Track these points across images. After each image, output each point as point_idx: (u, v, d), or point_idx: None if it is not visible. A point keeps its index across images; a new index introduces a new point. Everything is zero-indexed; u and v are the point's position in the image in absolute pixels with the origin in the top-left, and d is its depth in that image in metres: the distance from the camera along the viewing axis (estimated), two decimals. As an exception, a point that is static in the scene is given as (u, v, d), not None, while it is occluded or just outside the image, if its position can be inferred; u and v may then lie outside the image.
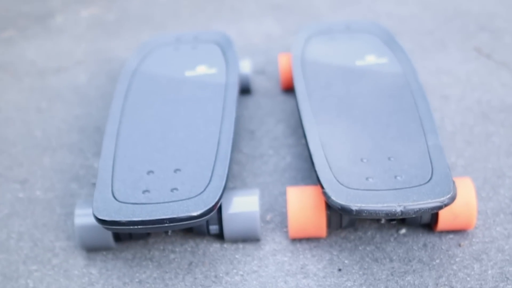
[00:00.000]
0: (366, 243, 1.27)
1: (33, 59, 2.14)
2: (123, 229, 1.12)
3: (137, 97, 1.50)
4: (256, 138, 1.63)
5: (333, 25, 1.79)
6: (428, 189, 1.13)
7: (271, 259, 1.25)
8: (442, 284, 1.17)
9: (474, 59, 1.94)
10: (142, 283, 1.22)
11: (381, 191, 1.14)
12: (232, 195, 1.27)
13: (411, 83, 1.47)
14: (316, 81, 1.52)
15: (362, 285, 1.18)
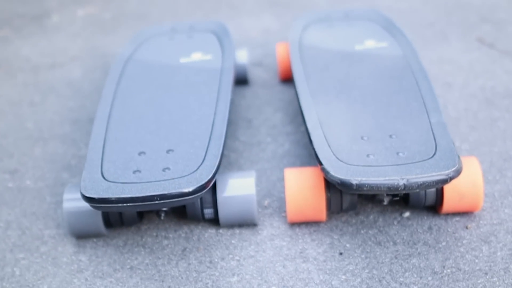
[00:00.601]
0: (368, 227, 1.22)
1: (27, 55, 2.10)
2: (112, 208, 1.07)
3: (130, 82, 1.46)
4: (253, 126, 1.58)
5: (332, 13, 1.75)
6: (432, 163, 1.08)
7: (269, 243, 1.20)
8: (449, 266, 1.11)
9: (477, 48, 1.89)
10: (133, 269, 1.16)
11: (382, 166, 1.09)
12: (228, 177, 1.22)
13: (412, 65, 1.42)
14: (314, 64, 1.48)
15: (364, 269, 1.12)
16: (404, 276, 1.09)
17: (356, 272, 1.11)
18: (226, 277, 1.13)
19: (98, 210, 1.09)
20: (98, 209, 1.08)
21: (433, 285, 1.07)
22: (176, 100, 1.37)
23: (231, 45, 1.60)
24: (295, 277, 1.11)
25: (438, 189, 1.19)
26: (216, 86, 1.41)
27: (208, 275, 1.13)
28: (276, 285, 1.10)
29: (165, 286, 1.12)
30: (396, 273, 1.10)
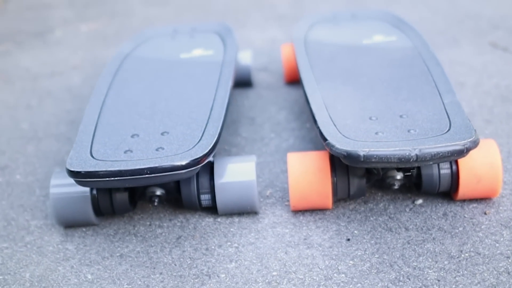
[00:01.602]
0: (378, 214, 1.13)
1: (27, 66, 2.05)
2: (99, 183, 0.99)
3: (127, 74, 1.40)
4: (256, 123, 1.51)
5: (338, 14, 1.70)
6: (447, 137, 1.00)
7: (270, 231, 1.11)
8: (467, 250, 1.01)
9: (490, 52, 1.82)
10: (123, 257, 1.07)
11: (392, 142, 1.01)
12: (226, 161, 1.14)
13: (423, 54, 1.35)
14: (320, 56, 1.41)
15: (374, 254, 1.02)
16: (418, 261, 1.00)
17: (365, 257, 1.02)
18: (223, 263, 1.03)
19: (85, 186, 1.01)
20: (84, 185, 1.00)
21: (450, 269, 0.97)
22: (174, 89, 1.31)
23: (233, 42, 1.54)
24: (298, 262, 1.02)
25: (453, 173, 1.10)
26: (217, 76, 1.34)
27: (203, 262, 1.04)
28: (277, 271, 1.00)
29: (156, 272, 1.03)
30: (408, 258, 1.01)
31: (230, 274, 1.01)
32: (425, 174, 1.10)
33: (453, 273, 0.96)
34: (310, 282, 0.97)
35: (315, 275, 0.99)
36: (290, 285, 0.97)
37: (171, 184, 1.13)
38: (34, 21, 2.58)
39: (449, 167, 1.10)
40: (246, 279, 0.99)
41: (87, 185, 1.00)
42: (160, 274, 1.02)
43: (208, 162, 1.14)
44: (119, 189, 1.12)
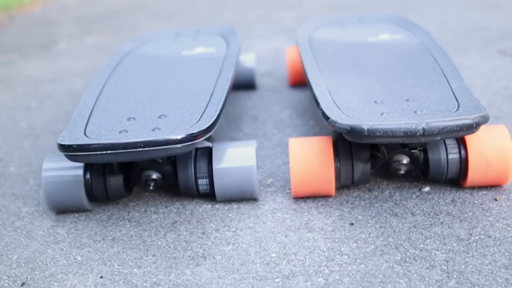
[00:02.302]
0: (383, 201, 1.08)
1: (30, 73, 2.04)
2: (91, 158, 0.94)
3: (127, 68, 1.37)
4: (259, 121, 1.47)
5: (344, 17, 1.67)
6: (456, 114, 0.95)
7: (270, 216, 1.06)
8: (477, 234, 0.96)
9: (498, 58, 1.79)
10: (115, 240, 1.03)
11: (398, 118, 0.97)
12: (225, 146, 1.10)
13: (430, 47, 1.32)
14: (324, 51, 1.38)
15: (379, 237, 0.97)
16: (425, 243, 0.94)
17: (369, 240, 0.97)
18: (220, 246, 0.98)
19: (76, 161, 0.96)
20: (76, 159, 0.96)
21: (459, 251, 0.92)
22: (174, 79, 1.28)
23: (236, 40, 1.52)
24: (298, 245, 0.97)
25: (462, 158, 1.05)
26: (218, 68, 1.31)
27: (199, 245, 0.99)
28: (276, 253, 0.95)
29: (149, 254, 0.98)
30: (415, 240, 0.95)
31: (226, 256, 0.95)
32: (432, 159, 1.05)
33: (462, 254, 0.91)
34: (310, 263, 0.92)
35: (316, 256, 0.93)
36: (290, 266, 0.92)
37: (168, 168, 1.08)
38: (40, 35, 2.58)
39: (457, 151, 1.05)
40: (243, 260, 0.94)
41: (78, 160, 0.96)
42: (153, 256, 0.97)
43: (206, 148, 1.10)
44: (114, 173, 1.08)
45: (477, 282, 0.84)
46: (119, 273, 0.93)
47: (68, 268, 0.96)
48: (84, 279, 0.92)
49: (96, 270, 0.95)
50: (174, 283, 0.90)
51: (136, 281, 0.91)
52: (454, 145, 1.06)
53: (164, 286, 0.89)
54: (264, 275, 0.90)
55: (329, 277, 0.88)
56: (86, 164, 1.09)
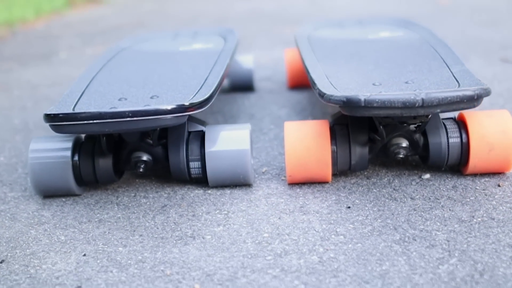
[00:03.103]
0: (381, 187, 1.04)
1: (29, 79, 2.02)
2: (77, 128, 0.91)
3: (122, 59, 1.35)
4: (256, 118, 1.44)
5: (344, 20, 1.66)
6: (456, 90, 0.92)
7: (264, 201, 1.02)
8: (480, 216, 0.91)
9: (500, 65, 1.77)
10: (102, 221, 0.98)
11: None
12: (219, 129, 1.07)
13: (431, 40, 1.29)
14: (323, 45, 1.36)
15: (376, 219, 0.93)
16: (425, 224, 0.90)
17: (366, 222, 0.92)
18: (210, 227, 0.94)
19: (62, 132, 0.93)
20: (62, 130, 0.92)
21: (460, 231, 0.87)
22: (169, 67, 1.25)
23: (234, 36, 1.50)
24: (292, 226, 0.92)
25: (463, 142, 1.02)
26: (214, 58, 1.29)
27: (188, 226, 0.95)
28: (269, 233, 0.91)
29: (136, 235, 0.93)
30: (414, 222, 0.91)
31: (216, 236, 0.91)
32: (433, 143, 1.02)
33: (464, 234, 0.86)
34: (304, 242, 0.87)
35: (310, 236, 0.89)
36: (283, 245, 0.87)
37: (159, 150, 1.05)
38: (41, 46, 2.58)
39: (458, 135, 1.02)
40: (234, 240, 0.90)
41: (64, 131, 0.92)
42: (140, 235, 0.93)
43: (199, 131, 1.07)
44: (103, 155, 1.04)
45: (480, 260, 0.80)
46: (103, 251, 0.89)
47: (51, 247, 0.91)
48: (66, 257, 0.88)
49: (80, 248, 0.90)
50: (160, 261, 0.85)
51: (120, 259, 0.87)
52: (455, 129, 1.02)
53: (150, 263, 0.85)
54: (255, 253, 0.86)
55: (324, 255, 0.84)
56: (75, 145, 1.06)
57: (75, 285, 0.81)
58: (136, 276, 0.82)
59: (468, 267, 0.78)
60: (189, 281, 0.80)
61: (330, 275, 0.79)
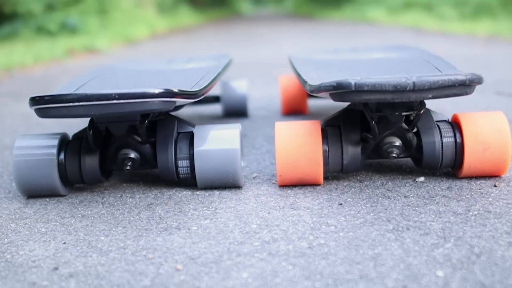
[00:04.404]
0: (374, 188, 1.01)
1: (22, 111, 2.01)
2: (62, 111, 0.88)
3: (114, 72, 1.34)
4: (249, 137, 1.42)
5: (339, 47, 1.67)
6: (447, 78, 0.91)
7: (253, 199, 0.99)
8: (476, 210, 0.88)
9: (495, 97, 1.77)
10: (85, 216, 0.95)
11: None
12: (208, 128, 1.05)
13: (424, 55, 1.29)
14: (316, 62, 1.36)
15: (369, 213, 0.89)
16: (419, 217, 0.87)
17: (358, 215, 0.89)
18: (197, 220, 0.91)
19: (47, 116, 0.90)
20: (46, 114, 0.90)
21: (456, 222, 0.84)
22: (162, 77, 1.24)
23: (227, 57, 1.50)
24: (281, 219, 0.89)
25: (458, 143, 1.00)
26: (206, 70, 1.28)
27: (174, 220, 0.91)
28: (257, 225, 0.87)
29: (119, 227, 0.90)
30: (408, 215, 0.88)
31: (202, 227, 0.88)
32: (426, 142, 1.00)
33: (460, 225, 0.83)
34: (294, 232, 0.84)
35: (300, 227, 0.86)
36: (271, 234, 0.84)
37: (147, 148, 1.02)
38: (37, 87, 2.59)
39: (452, 135, 1.00)
40: (221, 230, 0.86)
41: (49, 115, 0.90)
42: (123, 227, 0.89)
43: (189, 132, 1.05)
44: (89, 153, 1.02)
45: (476, 244, 0.76)
46: (84, 240, 0.85)
47: (30, 237, 0.88)
48: (45, 245, 0.84)
49: (60, 238, 0.87)
50: (142, 247, 0.82)
51: (101, 246, 0.83)
52: (449, 129, 1.01)
53: (131, 249, 0.81)
54: (242, 241, 0.82)
55: (314, 242, 0.80)
56: (61, 143, 1.04)
57: (52, 267, 0.77)
58: (117, 259, 0.78)
59: (464, 251, 0.75)
60: (172, 263, 0.76)
61: (320, 257, 0.75)
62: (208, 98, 1.67)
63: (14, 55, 3.45)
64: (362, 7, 8.21)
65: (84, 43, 4.24)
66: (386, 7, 7.29)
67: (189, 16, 9.66)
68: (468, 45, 3.31)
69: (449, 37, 3.98)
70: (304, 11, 12.54)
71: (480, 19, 4.74)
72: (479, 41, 3.55)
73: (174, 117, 1.06)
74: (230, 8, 16.48)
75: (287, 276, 0.71)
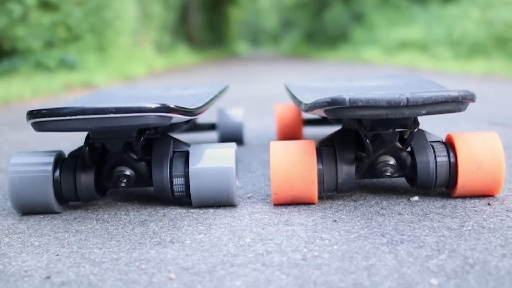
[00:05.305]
0: (369, 206, 1.01)
1: (19, 139, 2.02)
2: (59, 124, 0.89)
3: (111, 95, 1.35)
4: (244, 162, 1.43)
5: (334, 77, 1.69)
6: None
7: (248, 216, 0.99)
8: (470, 225, 0.88)
9: (489, 126, 1.78)
10: (79, 231, 0.95)
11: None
12: (203, 147, 1.05)
13: (418, 81, 1.31)
14: (312, 88, 1.37)
15: (363, 229, 0.89)
16: (413, 232, 0.87)
17: (353, 230, 0.89)
18: (191, 235, 0.90)
19: (44, 129, 0.91)
20: (43, 127, 0.90)
21: (450, 236, 0.84)
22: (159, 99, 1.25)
23: (224, 84, 1.52)
24: (275, 234, 0.89)
25: (452, 163, 1.00)
26: (203, 94, 1.30)
27: (168, 234, 0.91)
28: (251, 239, 0.87)
29: (113, 240, 0.90)
30: (402, 230, 0.88)
31: (196, 241, 0.87)
32: (420, 161, 1.00)
33: (454, 238, 0.83)
34: (288, 245, 0.84)
35: (294, 241, 0.86)
36: (265, 247, 0.83)
37: (142, 165, 1.03)
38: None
39: (446, 154, 1.01)
40: (214, 243, 0.86)
41: (46, 128, 0.90)
42: (117, 241, 0.89)
43: (185, 151, 1.06)
44: (85, 170, 1.02)
45: (471, 256, 0.76)
46: (77, 252, 0.85)
47: (23, 249, 0.87)
48: (38, 257, 0.84)
49: (53, 251, 0.86)
50: (136, 259, 0.81)
51: (94, 258, 0.82)
52: (443, 149, 1.02)
53: (125, 260, 0.81)
54: (236, 253, 0.82)
55: (307, 254, 0.80)
56: (57, 160, 1.04)
57: (44, 276, 0.76)
58: (109, 270, 0.78)
59: (458, 261, 0.75)
60: (165, 273, 0.76)
61: (314, 268, 0.75)
62: (204, 125, 1.68)
63: (12, 89, 3.47)
64: (358, 47, 8.32)
65: (82, 79, 4.27)
66: (382, 47, 7.40)
67: (186, 55, 9.78)
68: (463, 83, 3.35)
69: (444, 75, 4.03)
70: (300, 52, 12.71)
71: (475, 59, 4.81)
72: (474, 79, 3.60)
73: (170, 137, 1.07)
74: (228, 48, 16.70)
75: (281, 285, 0.70)
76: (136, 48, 7.16)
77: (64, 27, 5.15)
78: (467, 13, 5.70)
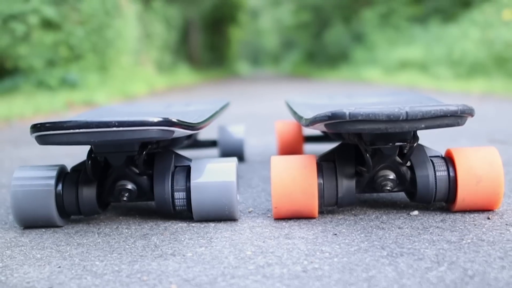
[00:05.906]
0: (369, 220, 1.02)
1: (20, 156, 2.03)
2: (62, 138, 0.90)
3: (112, 111, 1.37)
4: (245, 178, 1.44)
5: (334, 94, 1.71)
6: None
7: (249, 230, 0.99)
8: (470, 238, 0.89)
9: (488, 143, 1.79)
10: (81, 244, 0.95)
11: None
12: (205, 162, 1.06)
13: (418, 97, 1.33)
14: (312, 104, 1.39)
15: (363, 242, 0.90)
16: (413, 245, 0.87)
17: (353, 243, 0.89)
18: (192, 248, 0.91)
19: (47, 142, 0.92)
20: (47, 141, 0.91)
21: (449, 249, 0.85)
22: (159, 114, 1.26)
23: (225, 100, 1.53)
24: (276, 247, 0.90)
25: (451, 177, 1.01)
26: (204, 110, 1.31)
27: (169, 247, 0.92)
28: (252, 252, 0.88)
29: (114, 253, 0.90)
30: (402, 243, 0.88)
31: (197, 254, 0.88)
32: (420, 176, 1.01)
33: (453, 251, 0.84)
34: (288, 257, 0.84)
35: (295, 253, 0.86)
36: (266, 260, 0.84)
37: (144, 179, 1.04)
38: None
39: (445, 169, 1.02)
40: (215, 256, 0.86)
41: (49, 141, 0.91)
42: (119, 254, 0.90)
43: (186, 165, 1.07)
44: (87, 184, 1.03)
45: (470, 268, 0.77)
46: (79, 264, 0.86)
47: (25, 261, 0.88)
48: (40, 269, 0.84)
49: (55, 263, 0.87)
50: (137, 271, 0.82)
51: (96, 270, 0.83)
52: (442, 163, 1.02)
53: (126, 272, 0.81)
54: (237, 265, 0.82)
55: (308, 266, 0.81)
56: (59, 174, 1.05)
57: (46, 287, 0.77)
58: (111, 281, 0.78)
59: (458, 273, 0.75)
60: (166, 284, 0.76)
61: (314, 279, 0.76)
62: (206, 142, 1.69)
63: (14, 107, 3.49)
64: (358, 67, 8.37)
65: (83, 97, 4.30)
66: (382, 67, 7.44)
67: (187, 75, 9.82)
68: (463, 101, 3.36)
69: (444, 94, 4.05)
70: (300, 72, 12.77)
71: (475, 79, 4.84)
72: (474, 98, 3.62)
73: (171, 151, 1.08)
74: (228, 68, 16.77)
75: (281, 296, 0.71)
76: (137, 67, 7.20)
77: (66, 47, 5.19)
78: (467, 33, 5.74)
